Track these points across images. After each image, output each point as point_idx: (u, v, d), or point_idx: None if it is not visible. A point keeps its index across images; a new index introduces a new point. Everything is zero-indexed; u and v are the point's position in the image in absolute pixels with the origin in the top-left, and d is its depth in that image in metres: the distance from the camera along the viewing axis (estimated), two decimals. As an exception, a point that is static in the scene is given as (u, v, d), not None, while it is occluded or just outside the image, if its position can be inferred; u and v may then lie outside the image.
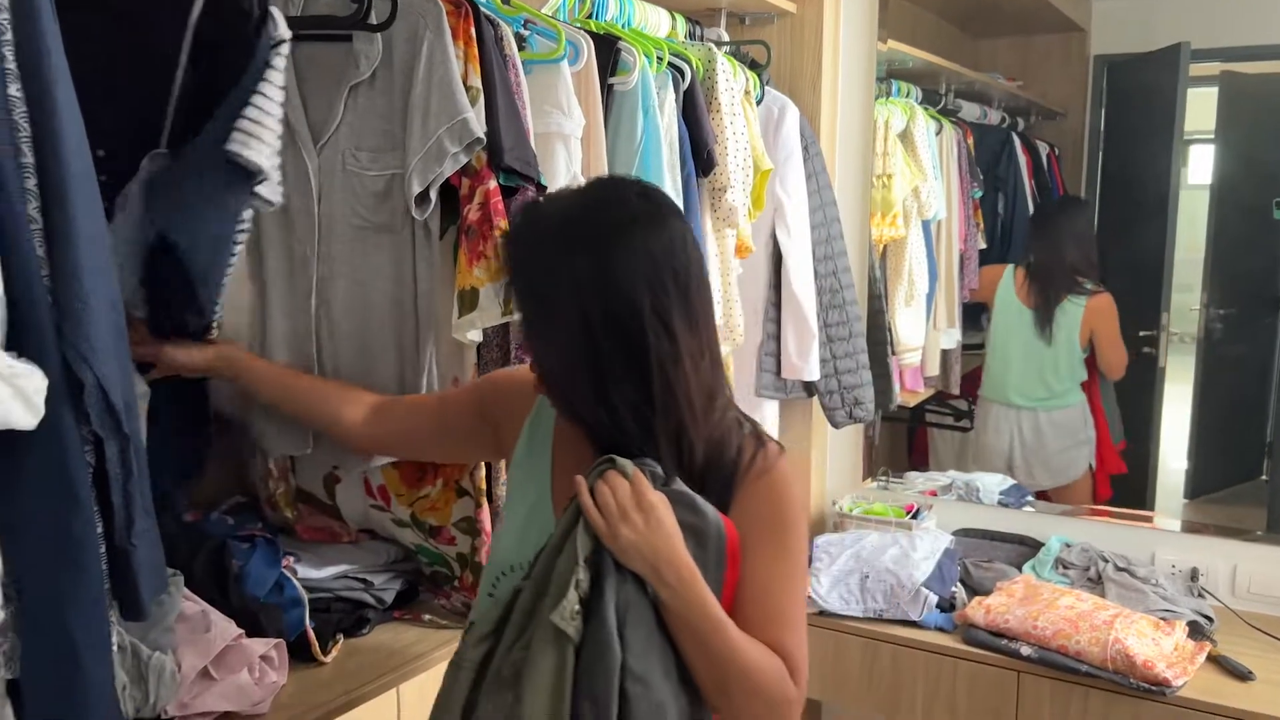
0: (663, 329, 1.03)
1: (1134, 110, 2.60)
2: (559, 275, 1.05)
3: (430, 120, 1.41)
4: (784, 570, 1.08)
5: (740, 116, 1.99)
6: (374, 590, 1.57)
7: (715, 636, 1.02)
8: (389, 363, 1.52)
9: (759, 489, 1.09)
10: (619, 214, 1.07)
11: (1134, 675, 1.79)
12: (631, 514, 1.00)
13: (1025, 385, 2.68)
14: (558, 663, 0.99)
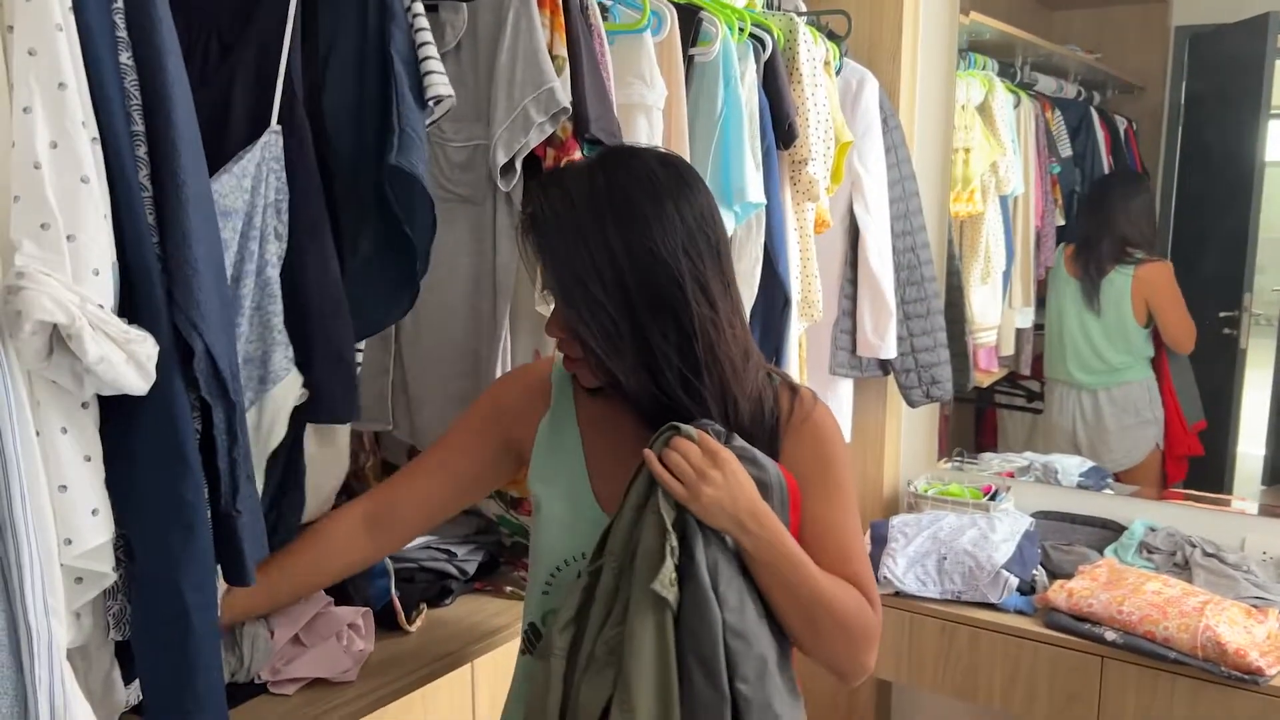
0: (702, 294, 1.07)
1: (1217, 83, 2.51)
2: (594, 250, 1.06)
3: (516, 89, 1.40)
4: (840, 506, 1.12)
5: (822, 88, 1.95)
6: (457, 561, 1.58)
7: (800, 576, 1.05)
8: (465, 337, 1.51)
9: (803, 435, 1.13)
10: (649, 185, 1.08)
11: (1225, 663, 1.74)
12: (709, 471, 1.02)
13: (1081, 361, 2.62)
14: (658, 630, 1.00)
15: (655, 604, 1.00)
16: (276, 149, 1.10)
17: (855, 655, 1.09)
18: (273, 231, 1.08)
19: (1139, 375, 2.55)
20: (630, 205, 1.06)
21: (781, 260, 1.89)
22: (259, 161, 1.09)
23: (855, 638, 1.08)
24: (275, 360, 1.06)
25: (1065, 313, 2.64)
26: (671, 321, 1.06)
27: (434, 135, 1.49)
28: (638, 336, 1.06)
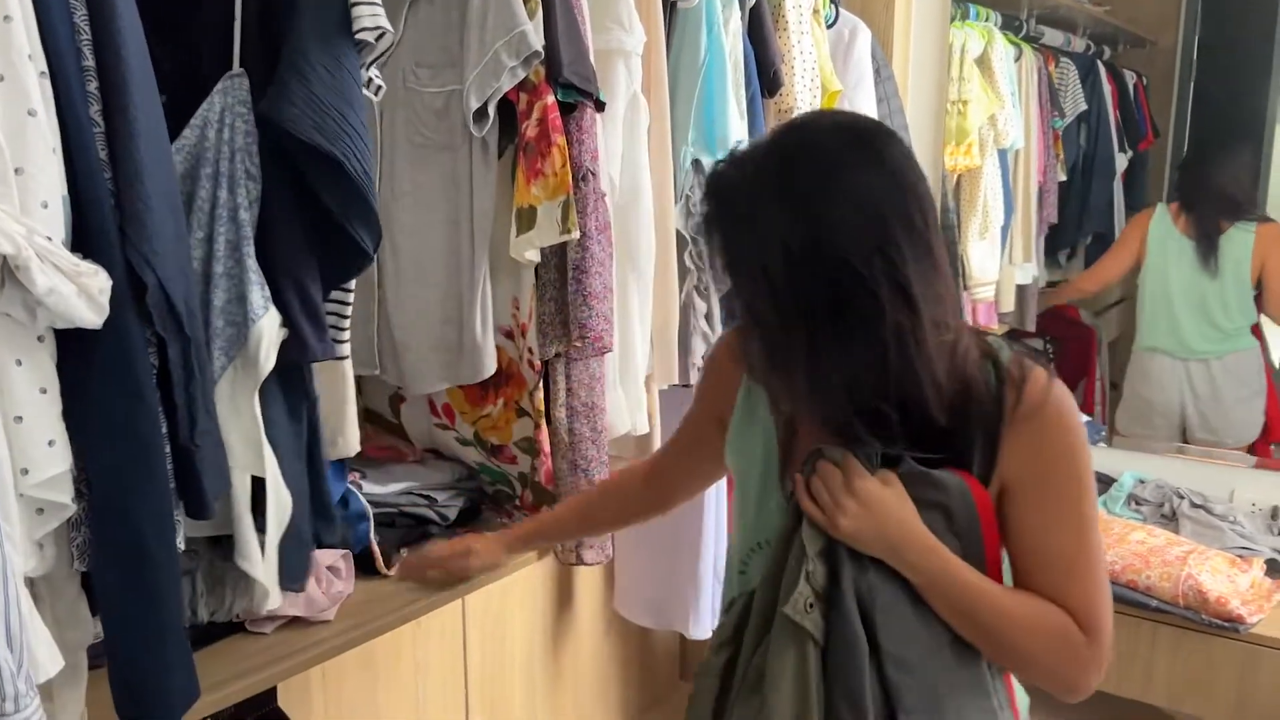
0: (895, 289, 0.89)
1: (1230, 37, 2.46)
2: (757, 241, 0.91)
3: (488, 34, 1.39)
4: (1058, 517, 0.96)
5: (808, 36, 1.93)
6: (437, 507, 1.60)
7: (974, 604, 0.95)
8: (447, 283, 1.52)
9: (1024, 434, 0.95)
10: (816, 160, 0.91)
11: (1206, 611, 1.74)
12: (845, 501, 0.95)
13: (1192, 328, 2.43)
14: (798, 661, 0.95)
15: (794, 632, 0.96)
16: (241, 92, 1.10)
17: (1058, 679, 0.96)
18: (244, 173, 1.09)
19: (1251, 342, 2.38)
20: (793, 188, 0.90)
21: (767, 210, 1.88)
22: (223, 106, 1.09)
23: (1050, 665, 0.95)
24: (253, 298, 1.08)
25: (1172, 277, 2.44)
26: (851, 332, 0.90)
27: (409, 83, 1.49)
28: (809, 346, 0.91)
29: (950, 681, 0.96)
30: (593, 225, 1.49)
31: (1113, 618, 0.96)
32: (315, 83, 1.08)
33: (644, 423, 1.72)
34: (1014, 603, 0.95)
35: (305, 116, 1.07)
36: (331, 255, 1.16)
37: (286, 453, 1.14)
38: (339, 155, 1.09)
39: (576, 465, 1.57)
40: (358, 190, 1.12)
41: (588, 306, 1.49)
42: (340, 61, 1.11)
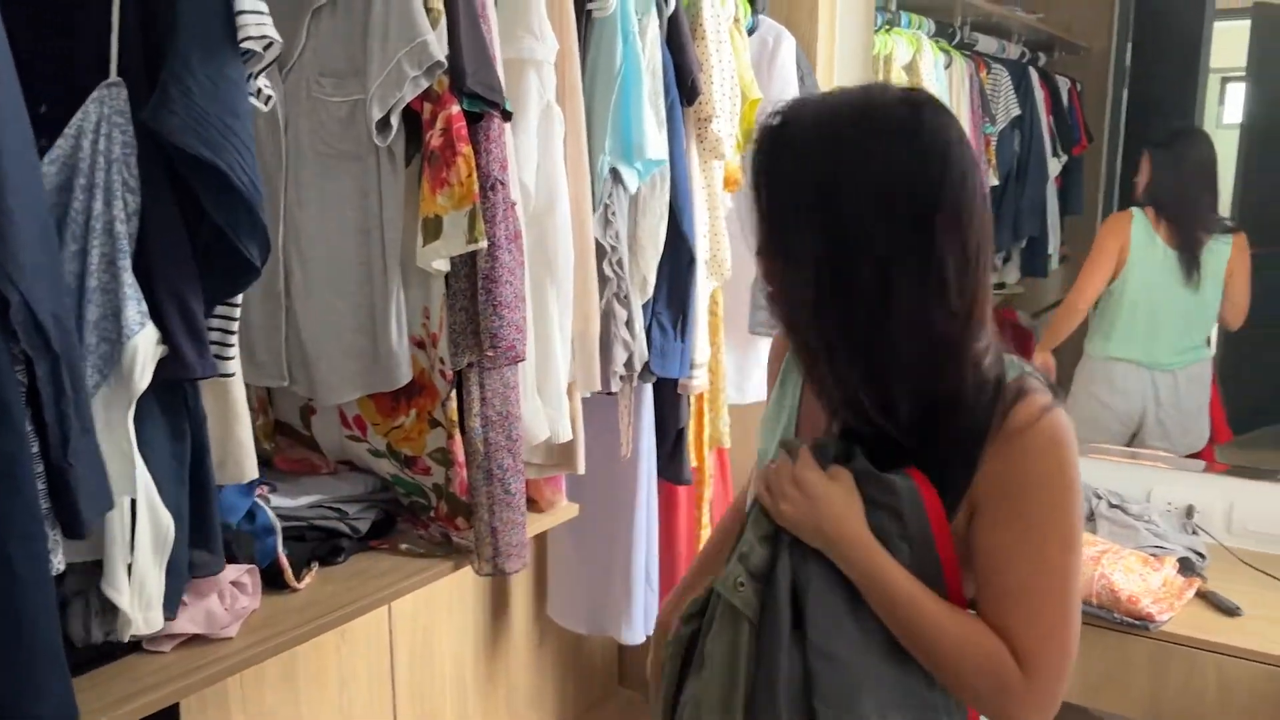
0: (874, 268, 0.90)
1: (1160, 44, 2.50)
2: (787, 202, 0.94)
3: (389, 43, 1.39)
4: (1019, 540, 0.92)
5: (727, 44, 1.94)
6: (348, 520, 1.59)
7: (906, 612, 0.94)
8: (358, 292, 1.51)
9: (1005, 452, 0.93)
10: (828, 135, 0.92)
11: (1119, 610, 1.77)
12: (789, 490, 0.98)
13: (1170, 340, 2.44)
14: (732, 639, 0.98)
15: (728, 610, 0.99)
16: (119, 101, 1.09)
17: (986, 706, 0.95)
18: (121, 185, 1.07)
19: (1208, 351, 2.45)
20: (810, 160, 0.92)
21: (686, 218, 1.89)
22: (99, 116, 1.08)
23: (978, 690, 0.93)
24: (128, 314, 1.06)
25: (1157, 287, 2.42)
26: (845, 311, 0.92)
27: (314, 92, 1.48)
28: (816, 318, 0.94)
29: (875, 679, 0.95)
30: (502, 234, 1.48)
31: (1067, 665, 0.92)
32: (198, 92, 1.06)
33: (566, 430, 1.72)
34: (949, 620, 0.93)
35: (188, 126, 1.06)
36: (217, 270, 1.14)
37: (165, 475, 1.12)
38: (223, 166, 1.07)
39: (492, 475, 1.56)
40: (244, 202, 1.11)
41: (498, 316, 1.49)
42: (224, 70, 1.09)
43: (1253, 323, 2.42)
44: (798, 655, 0.96)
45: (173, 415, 1.14)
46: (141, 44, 1.12)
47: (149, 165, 1.09)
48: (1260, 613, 1.82)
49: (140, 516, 1.11)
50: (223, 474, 1.25)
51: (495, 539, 1.57)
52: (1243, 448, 2.40)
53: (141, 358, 1.08)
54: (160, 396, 1.11)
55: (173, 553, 1.16)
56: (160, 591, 1.15)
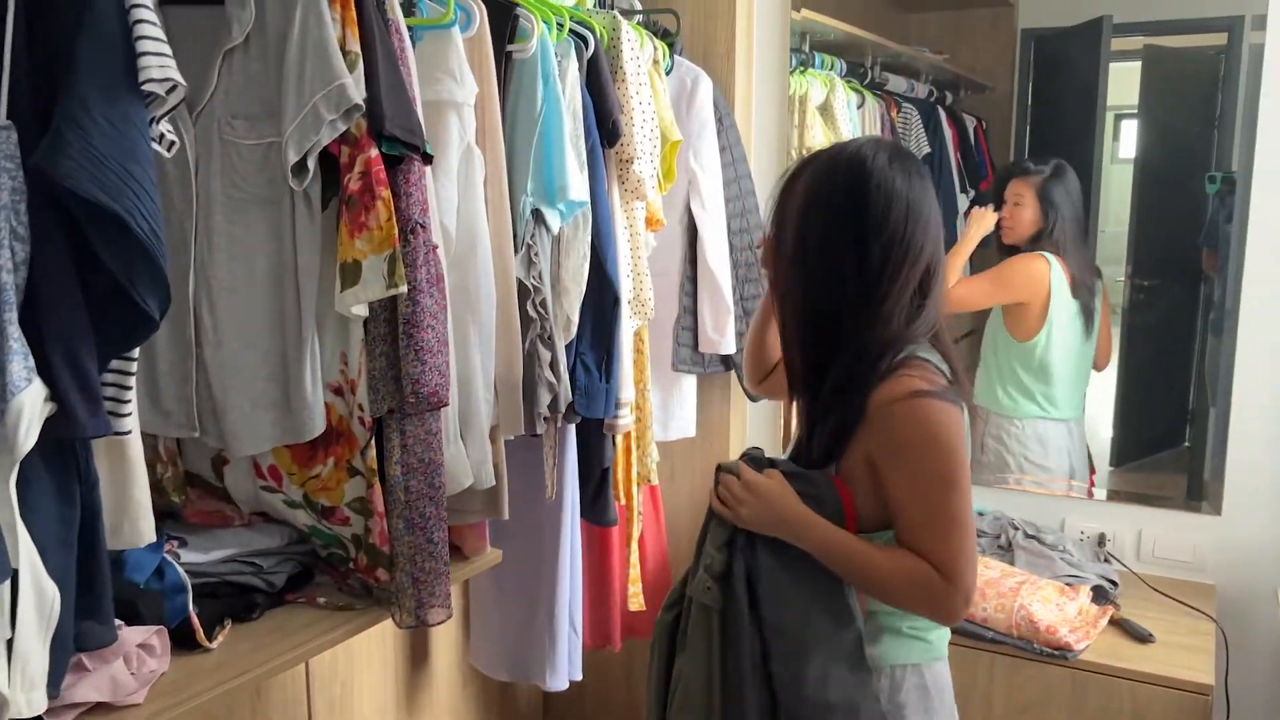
0: (806, 279, 1.33)
1: (1059, 84, 2.60)
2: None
3: (305, 86, 1.36)
4: (908, 487, 1.24)
5: (647, 86, 1.96)
6: (263, 574, 1.53)
7: (849, 558, 1.25)
8: (271, 340, 1.46)
9: (876, 421, 1.25)
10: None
11: (1038, 640, 1.81)
12: (744, 495, 1.29)
13: (1075, 390, 2.43)
14: (705, 629, 1.29)
15: (701, 608, 1.31)
16: (8, 145, 1.03)
17: (926, 610, 1.26)
18: (9, 233, 1.01)
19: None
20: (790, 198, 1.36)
21: (610, 258, 1.89)
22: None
23: (912, 601, 1.25)
24: (13, 369, 1.00)
25: (1064, 341, 2.39)
26: (793, 297, 1.34)
27: (226, 134, 1.44)
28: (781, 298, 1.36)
29: (816, 640, 1.24)
30: (423, 278, 1.46)
31: (975, 566, 1.24)
32: (95, 135, 1.02)
33: (489, 476, 1.69)
34: (882, 556, 1.25)
35: (84, 170, 1.01)
36: (112, 323, 1.09)
37: (51, 542, 1.06)
38: (122, 212, 1.03)
39: (414, 524, 1.52)
40: (144, 251, 1.06)
41: (420, 361, 1.46)
42: (125, 114, 1.05)
43: (1148, 353, 2.53)
44: (755, 632, 1.25)
45: (61, 478, 1.08)
46: (33, 86, 1.07)
47: (40, 212, 1.04)
48: (1171, 639, 1.88)
49: (23, 589, 1.04)
50: (118, 538, 1.18)
51: (417, 590, 1.53)
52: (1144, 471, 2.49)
53: (27, 416, 1.02)
54: (48, 457, 1.05)
55: (58, 625, 1.09)
56: (44, 669, 1.08)
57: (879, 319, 1.27)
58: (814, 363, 1.32)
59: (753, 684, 1.24)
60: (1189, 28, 2.36)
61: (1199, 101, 2.37)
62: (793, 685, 1.23)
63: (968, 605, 1.24)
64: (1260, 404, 2.11)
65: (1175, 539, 2.19)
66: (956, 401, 1.26)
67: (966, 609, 1.24)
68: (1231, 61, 2.19)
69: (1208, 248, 2.30)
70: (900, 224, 1.26)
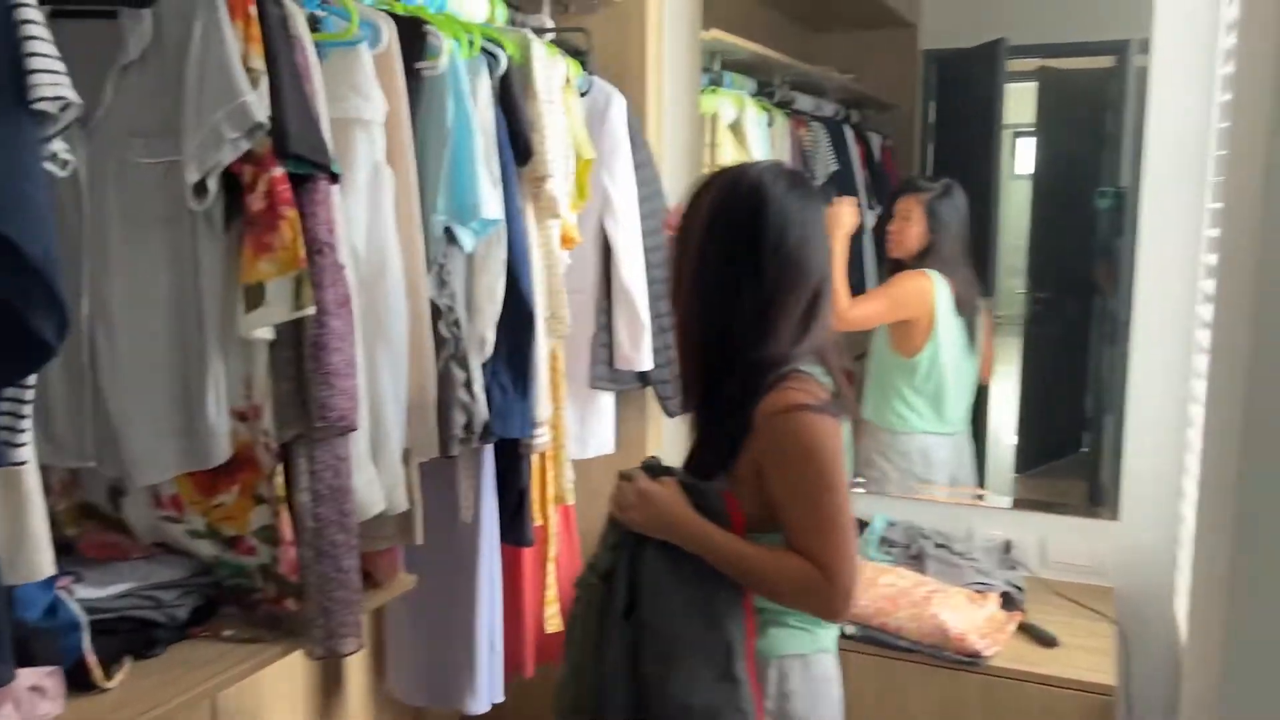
0: (697, 296, 1.40)
1: (960, 103, 2.67)
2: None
3: (206, 103, 1.32)
4: (791, 492, 1.31)
5: (559, 104, 1.95)
6: (165, 608, 1.47)
7: (736, 560, 1.33)
8: (172, 365, 1.41)
9: (761, 431, 1.33)
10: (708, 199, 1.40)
11: (949, 647, 1.85)
12: (635, 501, 1.37)
13: (961, 405, 2.46)
14: (585, 620, 1.40)
15: (584, 605, 1.42)
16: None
17: (809, 607, 1.33)
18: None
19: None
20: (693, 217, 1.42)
21: (524, 276, 1.87)
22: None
23: (796, 599, 1.33)
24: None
25: (949, 357, 2.42)
26: (692, 313, 1.41)
27: (123, 153, 1.39)
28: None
29: (687, 642, 1.30)
30: (331, 299, 1.43)
31: (855, 566, 1.30)
32: (-16, 157, 0.98)
33: (402, 500, 1.66)
34: (767, 556, 1.32)
35: (-30, 194, 0.97)
36: (6, 350, 1.04)
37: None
38: (13, 235, 0.98)
39: (323, 552, 1.49)
40: (37, 275, 1.02)
41: (328, 384, 1.43)
42: (15, 132, 1.01)
43: (1048, 363, 2.61)
44: (630, 631, 1.32)
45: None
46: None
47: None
48: (1075, 641, 1.94)
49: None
50: (13, 573, 1.13)
51: (328, 619, 1.49)
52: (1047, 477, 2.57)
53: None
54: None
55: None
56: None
57: (770, 336, 1.34)
58: (708, 376, 1.39)
59: (620, 680, 1.31)
60: (1080, 50, 2.46)
61: (1090, 120, 2.46)
62: (659, 686, 1.29)
63: (848, 603, 1.30)
64: (1154, 413, 2.20)
65: (1076, 544, 2.26)
66: (837, 414, 1.33)
67: (847, 606, 1.30)
68: (1120, 83, 2.29)
69: (1103, 261, 2.39)
70: (794, 247, 1.33)
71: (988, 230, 2.60)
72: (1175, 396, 2.17)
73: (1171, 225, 2.14)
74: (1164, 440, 2.19)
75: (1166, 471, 2.19)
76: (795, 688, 1.38)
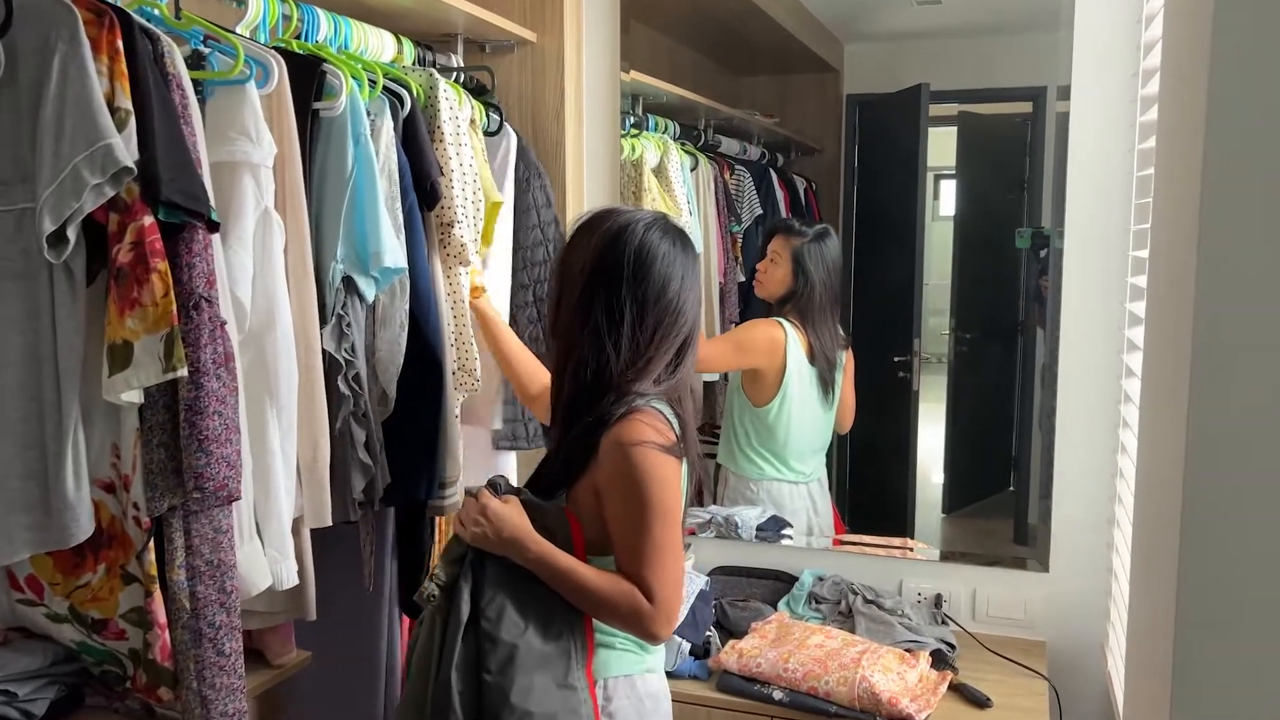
0: (565, 326, 1.48)
1: (883, 147, 2.66)
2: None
3: (65, 146, 1.20)
4: (625, 517, 1.39)
5: (467, 146, 1.86)
6: (18, 703, 1.32)
7: (567, 580, 1.40)
8: (25, 431, 1.27)
9: (601, 458, 1.41)
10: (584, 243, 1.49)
11: (880, 712, 1.77)
12: (478, 518, 1.41)
13: (812, 454, 2.41)
14: (429, 630, 1.43)
15: (428, 614, 1.45)
16: None
17: (631, 628, 1.41)
18: None
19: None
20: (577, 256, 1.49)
21: (431, 327, 1.77)
22: None
23: (621, 619, 1.40)
24: None
25: (800, 407, 2.37)
26: (571, 345, 1.47)
27: (-30, 198, 1.26)
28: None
29: (526, 653, 1.36)
30: (208, 358, 1.31)
31: (679, 592, 1.41)
32: None
33: (291, 574, 1.53)
34: (597, 579, 1.40)
35: None
36: None
37: None
38: None
39: (201, 635, 1.35)
40: None
41: (204, 451, 1.30)
42: None
43: (973, 402, 2.59)
44: (473, 640, 1.38)
45: None
46: None
47: None
48: (1009, 701, 1.88)
49: None
50: None
51: (207, 709, 1.36)
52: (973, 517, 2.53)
53: None
54: None
55: None
56: None
57: (645, 374, 1.44)
58: (576, 404, 1.45)
59: (461, 687, 1.36)
60: (999, 96, 2.47)
61: (1011, 164, 2.47)
62: (498, 692, 1.34)
63: (669, 625, 1.40)
64: (1080, 462, 2.17)
65: (1007, 596, 2.21)
66: (678, 455, 1.43)
67: (669, 629, 1.41)
68: (1037, 128, 2.29)
69: (1026, 302, 2.38)
70: (676, 295, 1.45)
71: (911, 271, 2.58)
72: (1103, 446, 2.14)
73: (1094, 272, 2.13)
74: (1092, 491, 2.16)
75: (1096, 522, 2.15)
76: (620, 706, 1.45)
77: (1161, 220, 1.33)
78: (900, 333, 2.58)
